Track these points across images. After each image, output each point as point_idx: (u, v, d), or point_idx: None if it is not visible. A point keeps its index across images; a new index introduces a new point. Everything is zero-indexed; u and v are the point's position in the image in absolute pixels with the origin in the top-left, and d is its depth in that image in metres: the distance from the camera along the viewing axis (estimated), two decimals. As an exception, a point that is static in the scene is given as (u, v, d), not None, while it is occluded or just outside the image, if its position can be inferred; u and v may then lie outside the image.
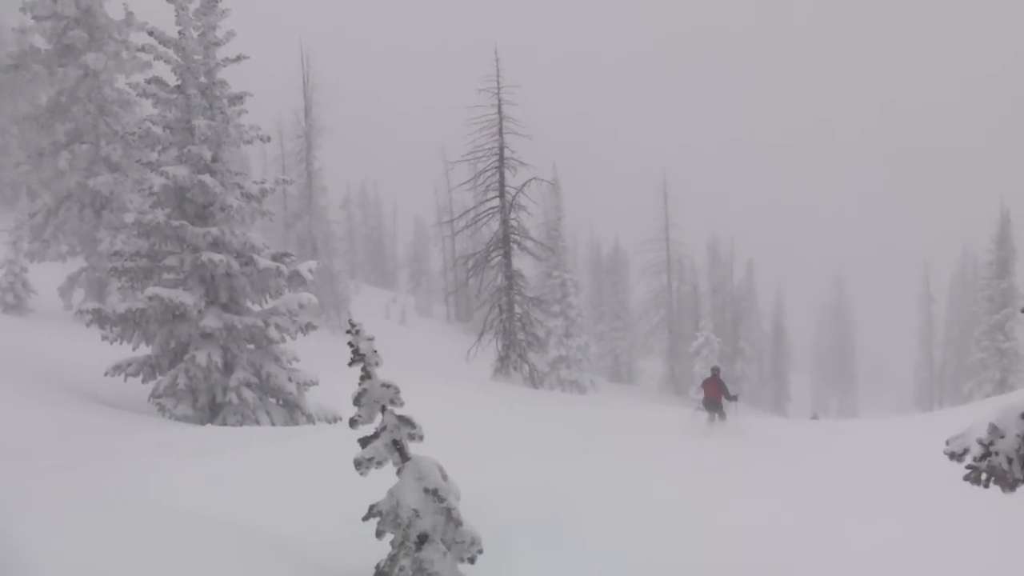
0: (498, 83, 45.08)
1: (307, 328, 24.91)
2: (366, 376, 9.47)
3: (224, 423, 23.35)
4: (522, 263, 48.61)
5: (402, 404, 9.55)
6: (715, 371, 28.10)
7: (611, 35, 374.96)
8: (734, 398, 27.78)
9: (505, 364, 45.38)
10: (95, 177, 34.77)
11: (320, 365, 25.39)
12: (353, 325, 9.45)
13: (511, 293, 45.68)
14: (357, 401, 9.45)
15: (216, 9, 24.39)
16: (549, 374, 57.63)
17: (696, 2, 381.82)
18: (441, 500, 9.55)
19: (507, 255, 45.85)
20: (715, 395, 27.49)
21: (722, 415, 27.40)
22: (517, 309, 45.92)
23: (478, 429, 21.92)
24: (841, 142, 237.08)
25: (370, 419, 9.55)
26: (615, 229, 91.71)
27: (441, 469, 9.78)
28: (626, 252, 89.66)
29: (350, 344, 9.39)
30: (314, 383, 24.85)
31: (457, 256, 75.48)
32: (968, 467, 8.96)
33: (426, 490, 9.52)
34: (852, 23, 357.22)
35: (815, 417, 65.33)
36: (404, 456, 9.68)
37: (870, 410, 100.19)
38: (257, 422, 23.78)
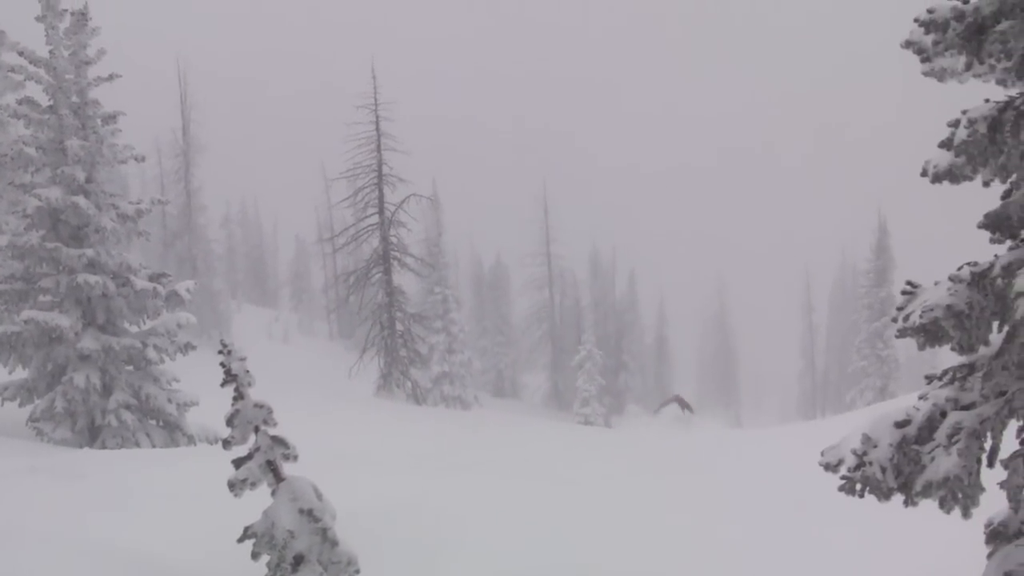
0: (375, 100, 45.21)
1: (186, 348, 24.79)
2: (239, 396, 9.50)
3: (104, 446, 23.14)
4: (403, 279, 48.74)
5: (275, 424, 9.59)
6: (677, 396, 39.01)
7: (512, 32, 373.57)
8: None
9: (388, 381, 45.46)
10: (-33, 199, 34.19)
11: (201, 385, 25.22)
12: (225, 345, 9.48)
13: (392, 310, 45.78)
14: (230, 422, 9.49)
15: (86, 28, 24.17)
16: (432, 390, 57.68)
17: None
18: (316, 520, 9.62)
19: (387, 272, 45.95)
20: (682, 402, 37.28)
21: (690, 409, 36.38)
22: (399, 326, 46.04)
23: (356, 446, 22.02)
24: (720, 154, 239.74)
25: (243, 440, 9.58)
26: (496, 243, 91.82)
27: (316, 489, 9.83)
28: (508, 266, 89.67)
29: (222, 364, 9.43)
30: (194, 403, 24.71)
31: (338, 273, 75.17)
32: (843, 477, 9.17)
33: (301, 511, 9.57)
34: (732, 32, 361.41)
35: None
36: (278, 477, 9.72)
37: (754, 420, 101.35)
38: (137, 444, 23.58)
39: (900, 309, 9.22)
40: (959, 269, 8.85)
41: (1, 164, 31.49)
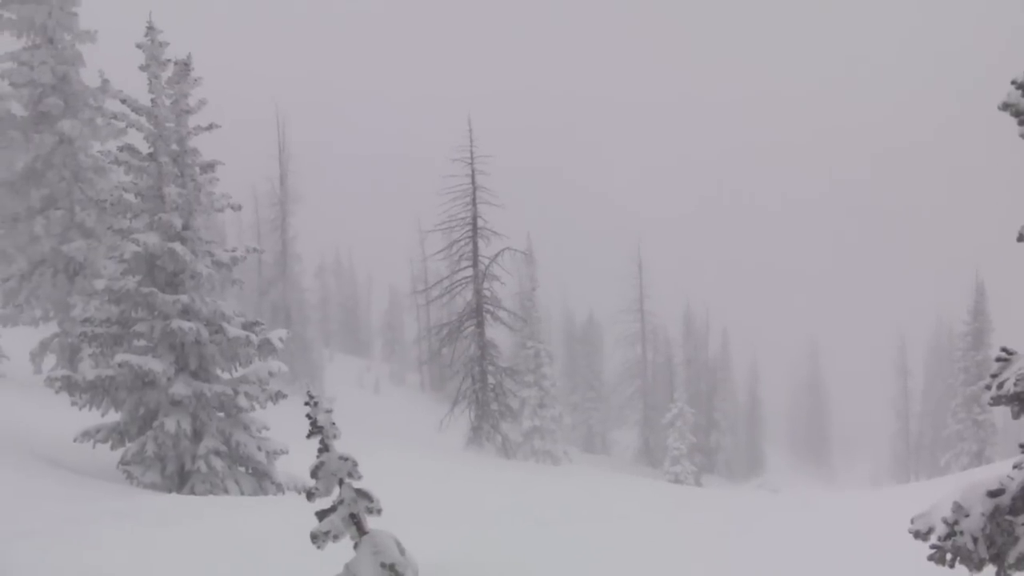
0: (471, 153, 45.32)
1: (277, 397, 24.81)
2: (324, 448, 9.42)
3: (192, 491, 23.19)
4: (495, 333, 48.62)
5: (360, 477, 9.48)
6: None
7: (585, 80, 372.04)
8: None
9: (478, 434, 45.37)
10: (69, 243, 34.80)
11: (291, 434, 25.27)
12: (311, 396, 9.42)
13: (484, 363, 45.70)
14: (315, 474, 9.41)
15: (188, 77, 24.49)
16: (523, 444, 57.38)
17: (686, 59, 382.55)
18: (398, 575, 9.46)
19: (480, 325, 45.92)
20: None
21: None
22: (490, 379, 45.92)
23: (442, 500, 21.85)
24: (818, 207, 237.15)
25: (327, 492, 9.48)
26: (589, 298, 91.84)
27: (399, 543, 9.69)
28: (600, 323, 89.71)
29: (308, 416, 9.36)
30: (284, 452, 24.72)
31: (431, 325, 75.51)
32: (932, 547, 8.85)
33: (383, 565, 9.43)
34: (821, 81, 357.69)
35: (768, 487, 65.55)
36: (361, 530, 9.60)
37: (846, 482, 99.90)
38: (226, 491, 23.62)
39: (994, 376, 8.89)
40: (1059, 334, 8.53)
41: (101, 209, 32.23)
